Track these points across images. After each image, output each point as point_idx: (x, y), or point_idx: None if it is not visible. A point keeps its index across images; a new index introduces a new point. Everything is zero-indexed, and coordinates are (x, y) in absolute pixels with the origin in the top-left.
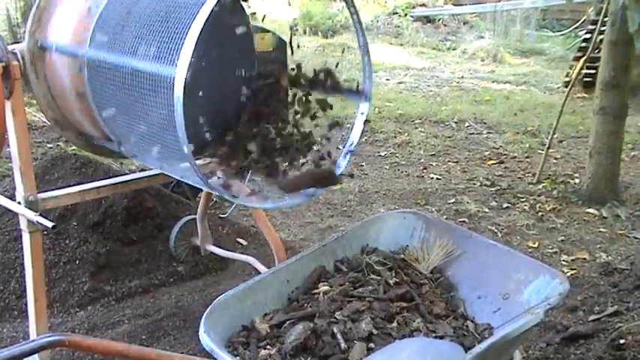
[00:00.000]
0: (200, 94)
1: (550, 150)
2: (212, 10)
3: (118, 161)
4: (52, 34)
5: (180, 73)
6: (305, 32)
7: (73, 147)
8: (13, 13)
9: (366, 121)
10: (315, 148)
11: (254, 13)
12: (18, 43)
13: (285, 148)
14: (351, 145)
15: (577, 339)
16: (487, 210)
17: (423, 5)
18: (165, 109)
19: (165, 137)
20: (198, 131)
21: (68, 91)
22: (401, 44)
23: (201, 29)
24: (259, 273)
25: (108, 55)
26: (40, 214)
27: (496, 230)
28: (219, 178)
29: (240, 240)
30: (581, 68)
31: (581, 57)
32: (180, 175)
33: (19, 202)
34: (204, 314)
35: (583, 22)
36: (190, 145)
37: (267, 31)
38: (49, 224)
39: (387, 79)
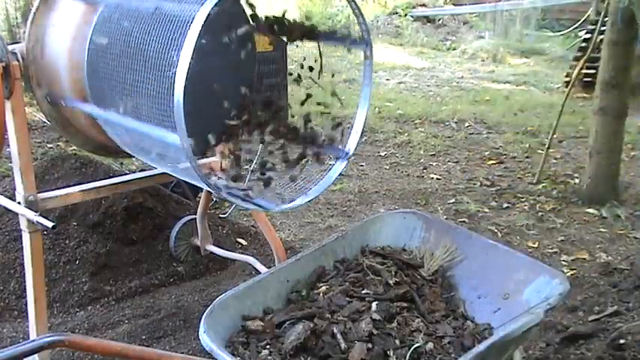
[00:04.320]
0: (201, 93)
1: (550, 150)
2: (211, 11)
3: (118, 161)
4: (51, 37)
5: (180, 74)
6: None
7: (73, 147)
8: (12, 12)
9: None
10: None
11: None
12: (18, 43)
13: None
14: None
15: (577, 339)
16: (487, 210)
17: (423, 5)
18: (167, 109)
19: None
20: (198, 131)
21: (68, 93)
22: (401, 44)
23: (200, 30)
24: (259, 273)
25: (107, 57)
26: (40, 214)
27: (496, 230)
28: (219, 178)
29: (240, 240)
30: (581, 68)
31: (581, 57)
32: (184, 177)
33: (19, 202)
34: (204, 314)
35: (583, 22)
36: (191, 141)
37: None
38: (49, 224)
39: (387, 79)
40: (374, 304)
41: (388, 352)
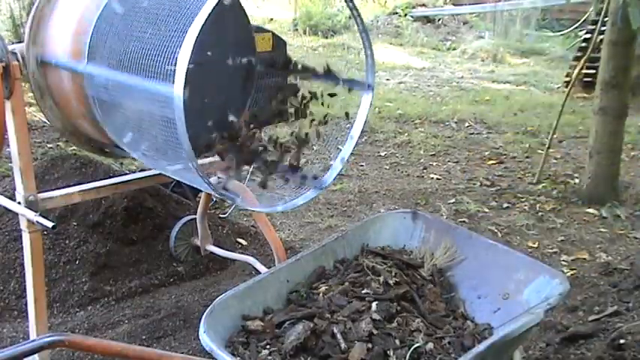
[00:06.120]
0: (200, 94)
1: (550, 150)
2: (211, 12)
3: (118, 161)
4: (50, 40)
5: (179, 75)
6: (305, 32)
7: (73, 147)
8: (16, 12)
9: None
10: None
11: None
12: (20, 42)
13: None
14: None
15: (577, 339)
16: (487, 210)
17: (423, 5)
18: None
19: (169, 139)
20: (198, 132)
21: (69, 95)
22: (401, 44)
23: (199, 33)
24: (259, 273)
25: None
26: (40, 214)
27: (496, 230)
28: (219, 178)
29: (240, 240)
30: (581, 68)
31: (581, 57)
32: (185, 178)
33: (19, 202)
34: (204, 314)
35: (583, 22)
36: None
37: (267, 31)
38: (49, 224)
39: (387, 79)
40: (374, 304)
41: (388, 352)
